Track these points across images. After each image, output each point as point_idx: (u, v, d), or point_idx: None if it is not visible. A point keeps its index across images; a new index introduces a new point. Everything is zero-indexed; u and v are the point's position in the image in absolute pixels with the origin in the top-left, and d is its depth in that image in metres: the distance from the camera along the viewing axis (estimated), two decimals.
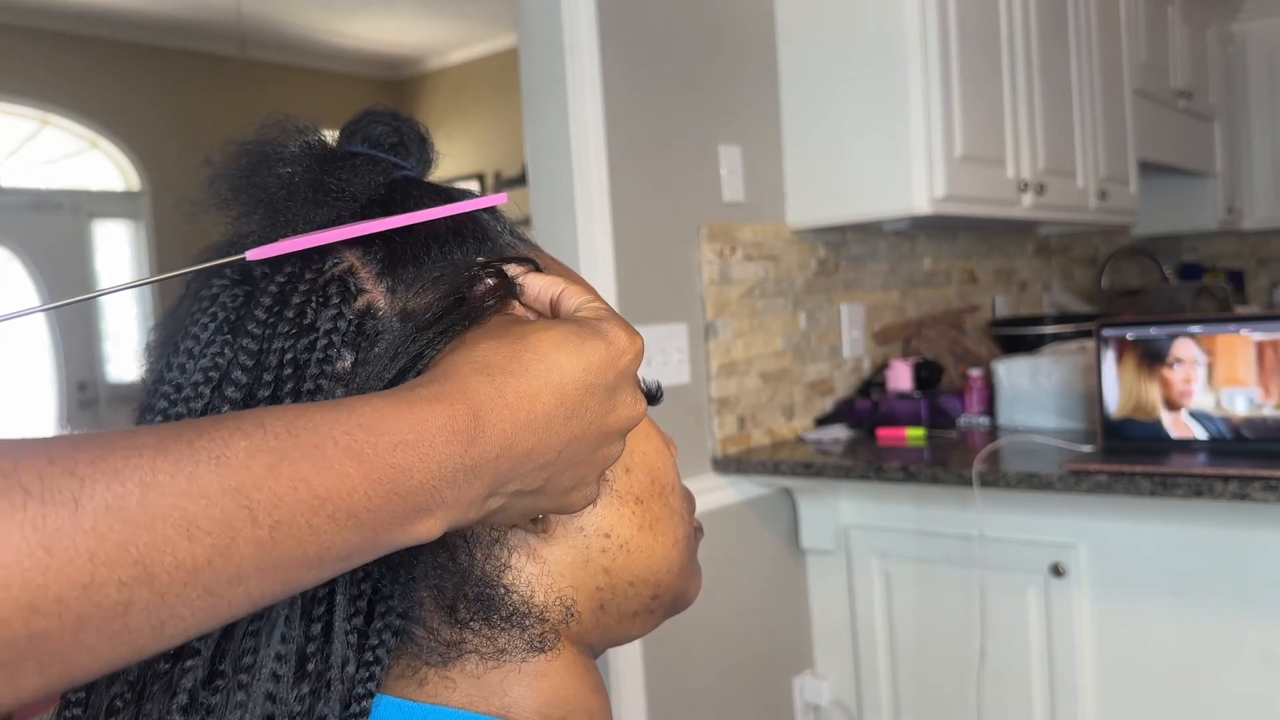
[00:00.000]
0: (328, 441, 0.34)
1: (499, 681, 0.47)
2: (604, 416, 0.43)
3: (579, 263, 1.74)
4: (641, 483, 0.51)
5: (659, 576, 0.51)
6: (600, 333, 0.43)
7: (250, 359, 0.44)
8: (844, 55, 2.07)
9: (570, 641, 0.50)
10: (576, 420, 0.41)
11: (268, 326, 0.45)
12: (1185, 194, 3.59)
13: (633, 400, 0.45)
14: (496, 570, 0.47)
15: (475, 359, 0.40)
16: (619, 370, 0.43)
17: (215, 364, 0.44)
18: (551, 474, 0.42)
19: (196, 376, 0.44)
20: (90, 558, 0.29)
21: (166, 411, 0.44)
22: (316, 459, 0.33)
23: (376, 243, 0.47)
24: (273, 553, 0.32)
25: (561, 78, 1.74)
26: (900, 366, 2.22)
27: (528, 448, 0.40)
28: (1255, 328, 1.67)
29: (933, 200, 1.99)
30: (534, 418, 0.40)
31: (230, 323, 0.45)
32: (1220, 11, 3.55)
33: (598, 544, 0.49)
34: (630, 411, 0.44)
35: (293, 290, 0.45)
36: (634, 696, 1.77)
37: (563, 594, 0.48)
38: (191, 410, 0.44)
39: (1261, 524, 1.60)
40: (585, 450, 0.43)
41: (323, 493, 0.33)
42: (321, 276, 0.46)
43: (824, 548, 2.06)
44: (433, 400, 0.37)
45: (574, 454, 0.42)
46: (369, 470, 0.34)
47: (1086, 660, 1.78)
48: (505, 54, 5.45)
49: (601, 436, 0.43)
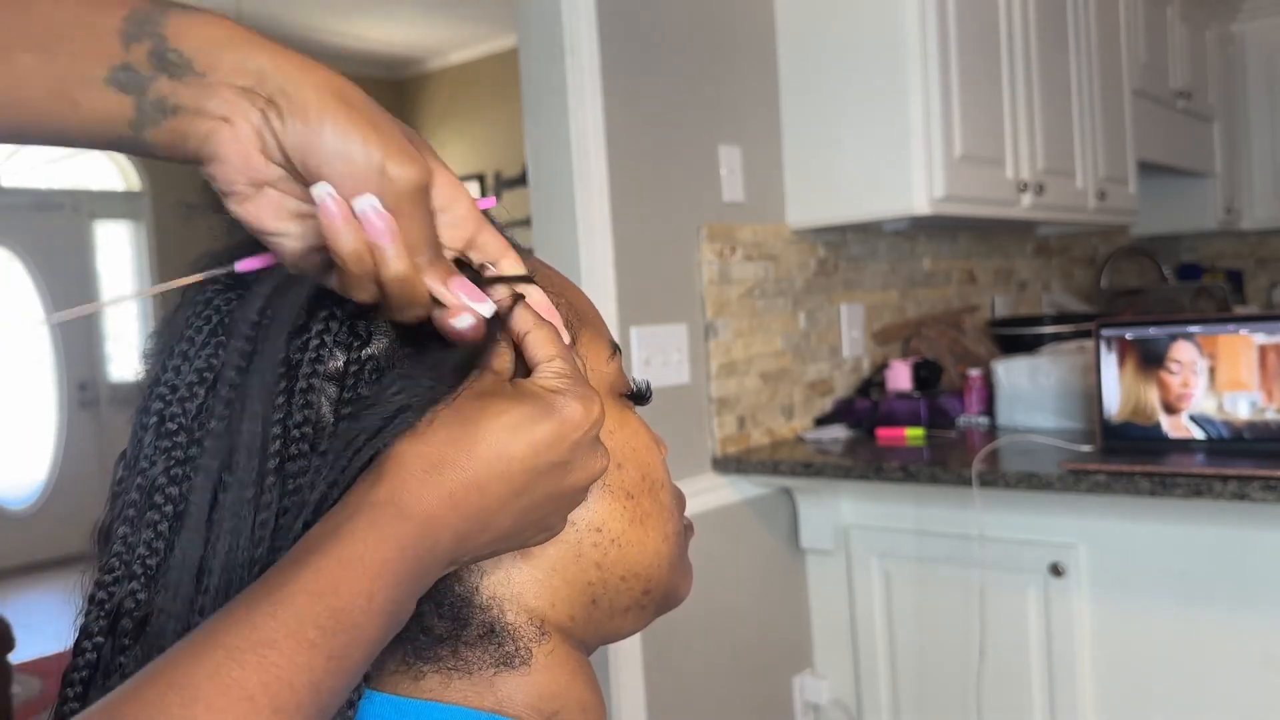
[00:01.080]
0: (357, 612, 0.37)
1: (493, 678, 0.47)
2: (559, 484, 0.45)
3: (579, 263, 1.75)
4: (633, 478, 0.51)
5: (650, 571, 0.51)
6: (553, 410, 0.44)
7: (243, 359, 0.45)
8: (844, 55, 2.07)
9: (563, 638, 0.50)
10: (527, 496, 0.43)
11: (260, 328, 0.45)
12: (1184, 194, 3.59)
13: (590, 461, 0.46)
14: (469, 589, 0.48)
15: (428, 455, 0.41)
16: (572, 443, 0.44)
17: (209, 364, 0.45)
18: (506, 538, 0.44)
19: (191, 377, 0.45)
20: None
21: (162, 412, 0.45)
22: (355, 638, 0.37)
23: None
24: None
25: (561, 78, 1.75)
26: (900, 366, 2.22)
27: (478, 531, 0.42)
28: (1256, 329, 1.67)
29: (932, 200, 1.99)
30: (485, 506, 0.42)
31: (224, 326, 0.46)
32: (1219, 11, 3.55)
33: (589, 539, 0.49)
34: (587, 473, 0.46)
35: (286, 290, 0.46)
36: (634, 696, 1.77)
37: (534, 612, 0.49)
38: (186, 410, 0.45)
39: (1261, 524, 1.60)
40: (542, 513, 0.45)
41: (360, 658, 0.38)
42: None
43: (824, 547, 2.07)
44: (401, 519, 0.40)
45: (529, 519, 0.45)
46: (380, 615, 0.38)
47: (1086, 660, 1.78)
48: (505, 54, 5.45)
49: (558, 498, 0.45)
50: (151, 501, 0.44)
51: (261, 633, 0.34)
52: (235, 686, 0.33)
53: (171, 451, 0.44)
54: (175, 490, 0.44)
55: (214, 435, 0.44)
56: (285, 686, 0.34)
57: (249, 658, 0.34)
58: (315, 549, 0.38)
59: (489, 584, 0.48)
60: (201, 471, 0.44)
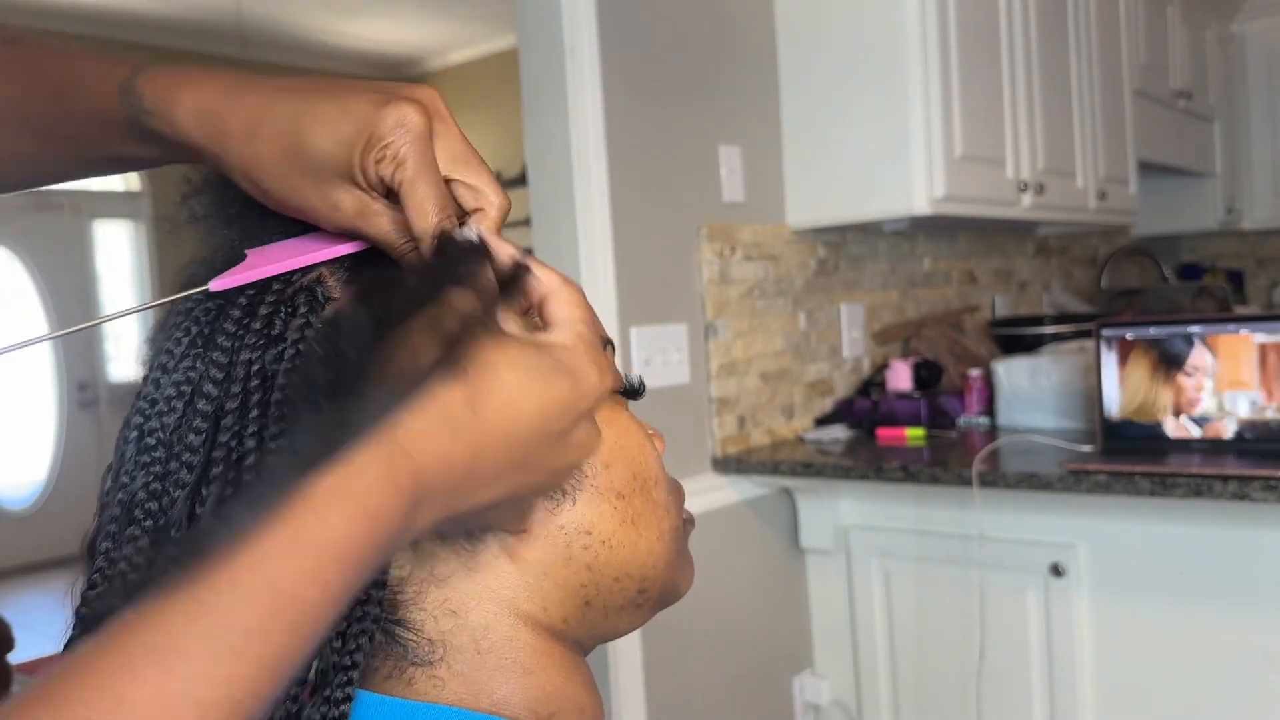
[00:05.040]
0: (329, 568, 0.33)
1: (488, 679, 0.47)
2: (555, 459, 0.43)
3: (579, 263, 1.74)
4: (622, 478, 0.50)
5: (644, 571, 0.51)
6: (568, 371, 0.42)
7: (220, 371, 0.45)
8: (844, 55, 2.07)
9: (558, 639, 0.50)
10: (523, 470, 0.41)
11: (236, 339, 0.45)
12: (1185, 194, 3.59)
13: (587, 439, 0.44)
14: (458, 594, 0.47)
15: (432, 411, 0.37)
16: (578, 412, 0.42)
17: (187, 378, 0.45)
18: (489, 510, 0.42)
19: (170, 391, 0.45)
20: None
21: (142, 426, 0.45)
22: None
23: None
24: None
25: (561, 78, 1.74)
26: (900, 366, 2.22)
27: (465, 502, 0.40)
28: (1257, 328, 1.67)
29: (932, 200, 1.99)
30: (478, 475, 0.39)
31: (204, 337, 0.46)
32: (1220, 12, 3.55)
33: (579, 541, 0.49)
34: (584, 451, 0.44)
35: (260, 301, 0.46)
36: (633, 696, 1.77)
37: (527, 615, 0.48)
38: (164, 425, 0.45)
39: (1261, 524, 1.60)
40: (530, 488, 0.43)
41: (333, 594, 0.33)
42: (290, 287, 0.46)
43: (824, 547, 2.06)
44: (381, 470, 0.35)
45: (517, 493, 0.43)
46: (339, 579, 0.33)
47: (1086, 660, 1.78)
48: (505, 54, 5.45)
49: (550, 474, 0.44)
50: (132, 516, 0.44)
51: (172, 637, 0.29)
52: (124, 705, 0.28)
53: (150, 467, 0.44)
54: (155, 505, 0.44)
55: (190, 449, 0.44)
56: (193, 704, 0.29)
57: (151, 669, 0.28)
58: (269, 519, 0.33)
59: (479, 588, 0.48)
60: (179, 486, 0.44)
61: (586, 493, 0.49)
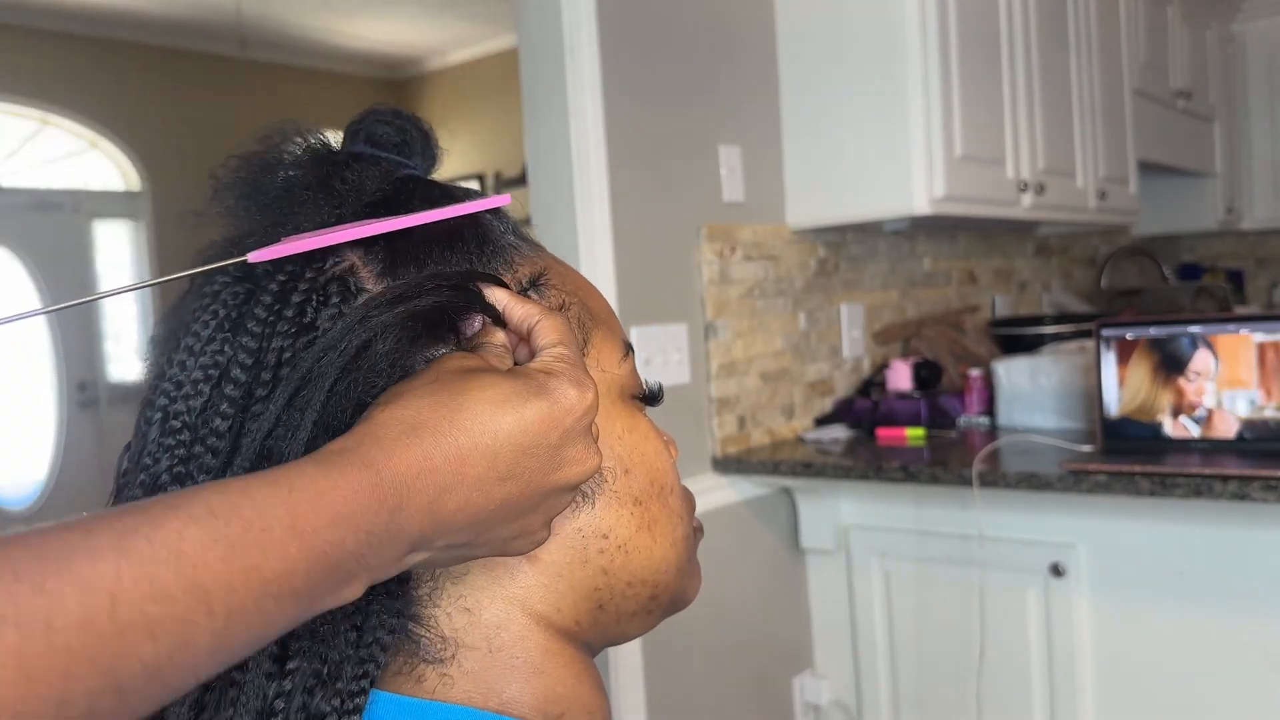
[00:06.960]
0: (274, 523, 0.34)
1: (497, 678, 0.47)
2: (547, 475, 0.43)
3: (579, 263, 1.75)
4: (640, 484, 0.51)
5: (657, 577, 0.51)
6: (546, 391, 0.42)
7: (249, 357, 0.44)
8: (844, 55, 2.07)
9: (569, 641, 0.50)
10: (513, 481, 0.42)
11: (267, 325, 0.45)
12: (1185, 194, 3.59)
13: (583, 455, 0.44)
14: (473, 591, 0.48)
15: (406, 418, 0.40)
16: (564, 429, 0.43)
17: (215, 361, 0.45)
18: (484, 529, 0.42)
19: (196, 374, 0.45)
20: (64, 675, 0.29)
21: (166, 408, 0.45)
22: (265, 544, 0.34)
23: (379, 242, 0.47)
24: (225, 639, 0.33)
25: (561, 78, 1.75)
26: (900, 366, 2.22)
27: (453, 509, 0.40)
28: (1257, 328, 1.67)
29: (932, 200, 1.99)
30: (461, 480, 0.40)
31: (231, 320, 0.46)
32: (1220, 11, 3.55)
33: (595, 545, 0.49)
34: (580, 467, 0.44)
35: (293, 289, 0.46)
36: (634, 696, 1.77)
37: (540, 616, 0.49)
38: (190, 408, 0.44)
39: (1261, 524, 1.60)
40: (525, 506, 0.43)
41: (270, 576, 0.34)
42: (322, 275, 0.46)
43: (824, 547, 2.06)
44: (361, 467, 0.37)
45: (511, 510, 0.42)
46: (309, 549, 0.35)
47: (1086, 660, 1.78)
48: (505, 54, 5.45)
49: (545, 493, 0.43)
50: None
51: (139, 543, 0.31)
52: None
53: (175, 450, 0.44)
54: (178, 489, 0.43)
55: (216, 434, 0.44)
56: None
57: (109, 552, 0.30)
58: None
59: (493, 588, 0.48)
60: (204, 471, 0.44)
61: (605, 497, 0.49)
